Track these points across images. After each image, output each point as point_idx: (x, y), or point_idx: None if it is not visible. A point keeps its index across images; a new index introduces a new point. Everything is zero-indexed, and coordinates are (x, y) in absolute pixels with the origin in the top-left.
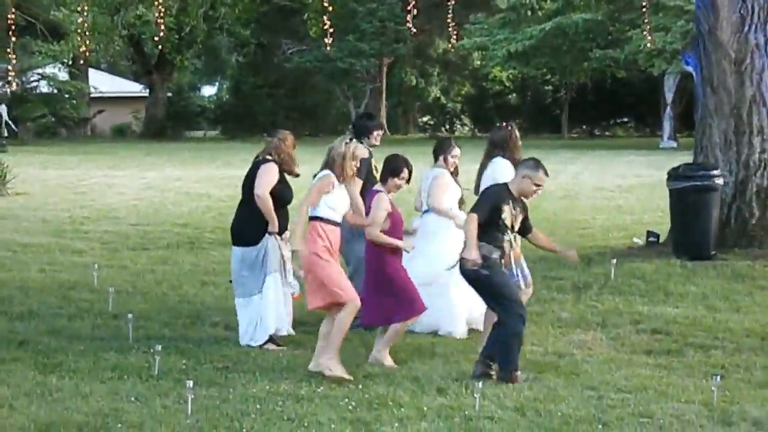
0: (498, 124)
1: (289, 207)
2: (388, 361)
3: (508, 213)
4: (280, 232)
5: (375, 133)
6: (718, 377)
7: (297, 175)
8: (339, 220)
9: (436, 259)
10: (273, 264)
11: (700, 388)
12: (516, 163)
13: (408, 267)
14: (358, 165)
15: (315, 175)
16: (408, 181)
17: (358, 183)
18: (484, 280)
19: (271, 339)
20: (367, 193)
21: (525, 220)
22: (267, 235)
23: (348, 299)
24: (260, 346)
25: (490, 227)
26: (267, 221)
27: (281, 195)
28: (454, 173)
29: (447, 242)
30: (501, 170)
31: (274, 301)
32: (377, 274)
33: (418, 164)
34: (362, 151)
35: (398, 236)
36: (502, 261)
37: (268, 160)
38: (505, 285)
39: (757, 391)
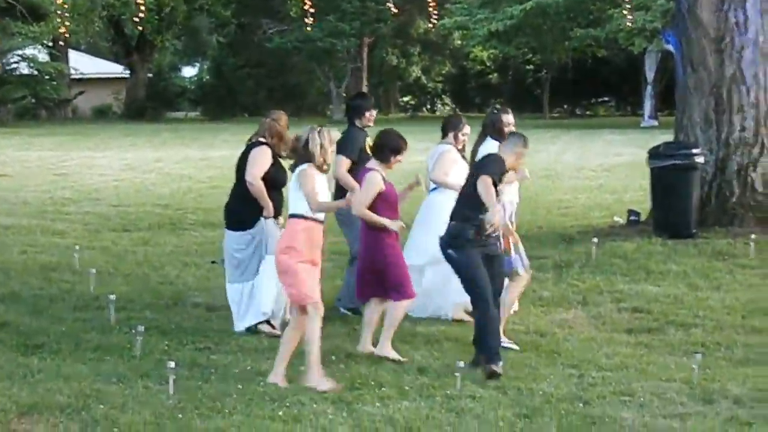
0: (491, 108)
1: (284, 189)
2: (393, 354)
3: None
4: (275, 215)
5: (368, 113)
6: (699, 355)
7: (288, 157)
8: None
9: None
10: (270, 247)
11: (681, 366)
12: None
13: (415, 245)
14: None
15: (293, 168)
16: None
17: (346, 163)
18: (456, 260)
19: (267, 321)
20: (359, 170)
21: None
22: (262, 218)
23: (307, 300)
24: (255, 326)
25: (472, 201)
26: (257, 204)
27: (275, 178)
28: (462, 150)
29: None
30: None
31: (270, 284)
32: (372, 252)
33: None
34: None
35: (394, 213)
36: (477, 237)
37: (260, 143)
38: (475, 267)
39: (738, 369)
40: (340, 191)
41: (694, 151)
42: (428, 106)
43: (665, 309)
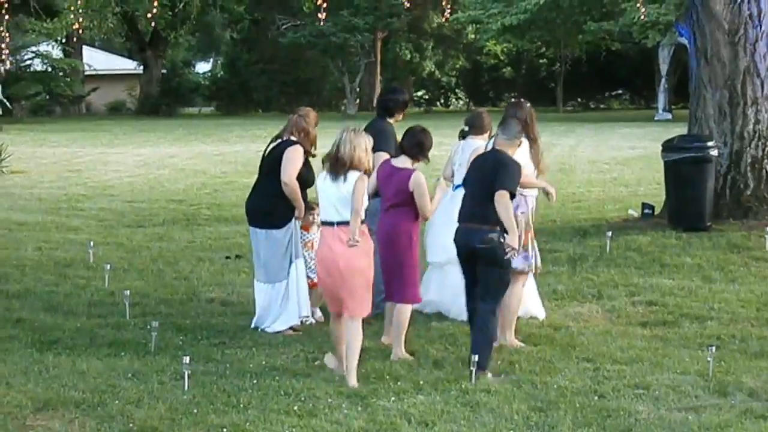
0: (514, 100)
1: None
2: (408, 357)
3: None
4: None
5: (405, 109)
6: (714, 348)
7: (313, 156)
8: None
9: None
10: (299, 249)
11: (696, 359)
12: (535, 142)
13: (439, 243)
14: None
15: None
16: None
17: (385, 158)
18: (506, 267)
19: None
20: (385, 169)
21: None
22: (294, 219)
23: (363, 314)
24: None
25: (492, 205)
26: (289, 202)
27: (306, 179)
28: None
29: None
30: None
31: (300, 287)
32: (389, 249)
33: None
34: (370, 137)
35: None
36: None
37: (293, 142)
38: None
39: (753, 362)
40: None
41: (709, 144)
42: (442, 101)
43: (680, 302)
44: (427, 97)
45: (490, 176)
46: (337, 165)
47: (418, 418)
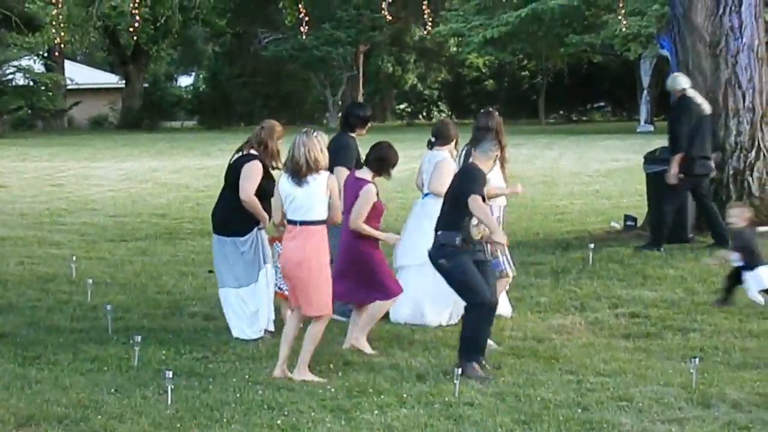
0: (484, 110)
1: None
2: (368, 348)
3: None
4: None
5: (369, 125)
6: (697, 360)
7: (275, 168)
8: None
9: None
10: (267, 256)
11: (679, 371)
12: (502, 150)
13: (405, 246)
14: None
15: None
16: None
17: (344, 173)
18: (448, 269)
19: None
20: (349, 180)
21: None
22: (255, 229)
23: (324, 312)
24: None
25: (457, 210)
26: (249, 213)
27: (265, 189)
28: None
29: None
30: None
31: (268, 293)
32: (354, 257)
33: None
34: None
35: (378, 222)
36: (465, 246)
37: (252, 157)
38: (469, 272)
39: (736, 373)
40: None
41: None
42: (424, 114)
43: (663, 314)
44: (409, 110)
45: (456, 187)
46: (297, 170)
47: (401, 431)
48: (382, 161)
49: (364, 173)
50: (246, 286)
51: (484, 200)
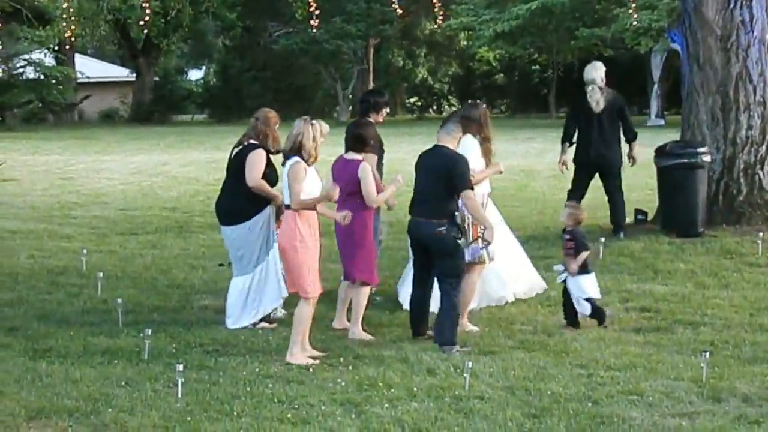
0: (471, 102)
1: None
2: (366, 336)
3: None
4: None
5: (385, 110)
6: (707, 354)
7: (279, 152)
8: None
9: None
10: (272, 241)
11: (690, 365)
12: (487, 141)
13: None
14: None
15: (284, 163)
16: None
17: (373, 158)
18: (451, 249)
19: (263, 318)
20: (338, 164)
21: None
22: (265, 210)
23: (306, 294)
24: (254, 325)
25: (452, 198)
26: (255, 198)
27: (268, 179)
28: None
29: None
30: (470, 147)
31: (275, 278)
32: (348, 237)
33: (404, 145)
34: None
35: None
36: (464, 234)
37: (255, 146)
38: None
39: (746, 367)
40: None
41: (701, 149)
42: (435, 107)
43: (673, 308)
44: (419, 104)
45: (441, 172)
46: (289, 150)
47: (411, 425)
48: (357, 139)
49: (351, 155)
50: (247, 275)
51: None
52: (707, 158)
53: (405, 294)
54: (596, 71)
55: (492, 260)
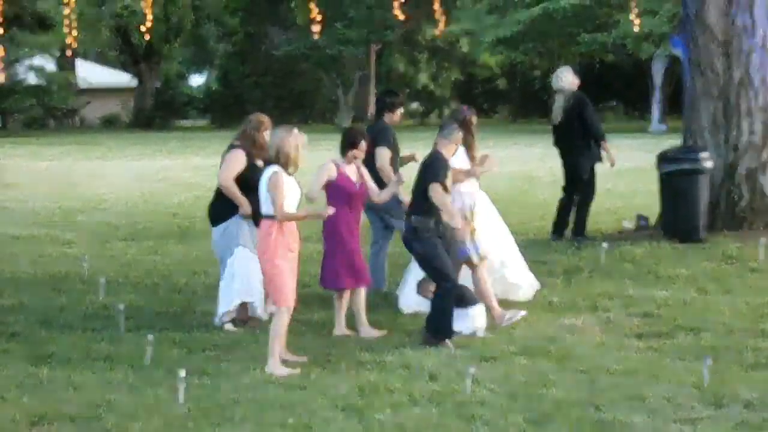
0: (456, 107)
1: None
2: (376, 332)
3: (449, 178)
4: (253, 216)
5: (400, 110)
6: (709, 359)
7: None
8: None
9: None
10: (243, 238)
11: (692, 371)
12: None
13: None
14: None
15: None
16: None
17: (387, 153)
18: (422, 252)
19: (233, 321)
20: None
21: None
22: (237, 216)
23: (280, 304)
24: (222, 324)
25: (426, 197)
26: (231, 201)
27: (248, 180)
28: None
29: None
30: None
31: (241, 273)
32: (334, 238)
33: (405, 150)
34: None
35: (358, 209)
36: (439, 228)
37: (233, 146)
38: (441, 256)
39: (748, 373)
40: (380, 183)
41: (703, 155)
42: (437, 113)
43: (675, 313)
44: (421, 109)
45: (421, 172)
46: (268, 160)
47: (413, 430)
48: (343, 143)
49: (336, 159)
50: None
51: (445, 188)
52: (709, 164)
53: (405, 300)
54: (559, 80)
55: (484, 258)
